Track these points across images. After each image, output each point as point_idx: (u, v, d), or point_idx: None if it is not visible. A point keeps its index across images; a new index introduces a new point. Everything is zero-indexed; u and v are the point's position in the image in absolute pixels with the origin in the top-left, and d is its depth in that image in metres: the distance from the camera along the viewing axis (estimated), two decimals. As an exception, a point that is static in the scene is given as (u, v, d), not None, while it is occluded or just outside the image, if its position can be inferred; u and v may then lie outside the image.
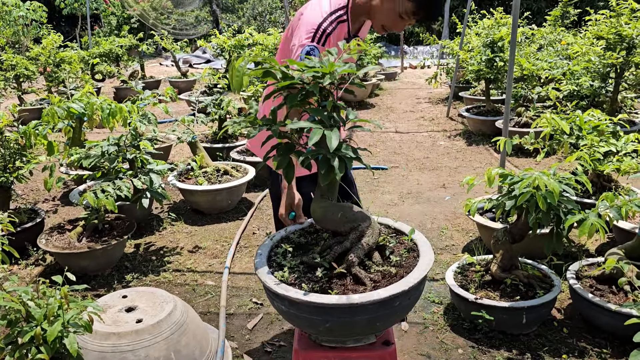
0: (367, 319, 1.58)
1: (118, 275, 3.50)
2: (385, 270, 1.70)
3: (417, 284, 1.60)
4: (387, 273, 1.69)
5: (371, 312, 1.57)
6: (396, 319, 1.74)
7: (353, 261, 1.68)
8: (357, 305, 1.53)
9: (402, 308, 1.65)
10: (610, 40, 5.64)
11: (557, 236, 2.62)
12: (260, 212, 4.51)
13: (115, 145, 3.55)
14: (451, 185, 5.09)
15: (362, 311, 1.56)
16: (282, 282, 1.67)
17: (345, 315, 1.57)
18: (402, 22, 2.22)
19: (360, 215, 1.78)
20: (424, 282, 1.70)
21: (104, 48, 9.77)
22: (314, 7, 2.22)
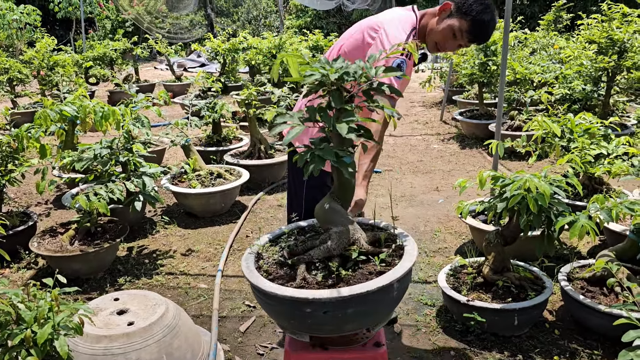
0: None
1: (110, 278, 3.49)
2: (323, 279, 1.70)
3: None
4: (322, 282, 1.68)
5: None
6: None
7: (300, 259, 1.72)
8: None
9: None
10: (602, 44, 5.69)
11: (548, 238, 2.63)
12: (253, 215, 4.51)
13: (108, 148, 3.55)
14: (444, 188, 5.11)
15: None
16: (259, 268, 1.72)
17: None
18: (454, 41, 2.38)
19: (338, 220, 1.78)
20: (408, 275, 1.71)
21: (98, 52, 9.76)
22: (394, 25, 2.33)
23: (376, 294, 1.58)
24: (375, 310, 1.68)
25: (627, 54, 5.58)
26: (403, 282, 1.72)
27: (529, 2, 17.23)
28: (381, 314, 1.74)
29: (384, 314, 1.78)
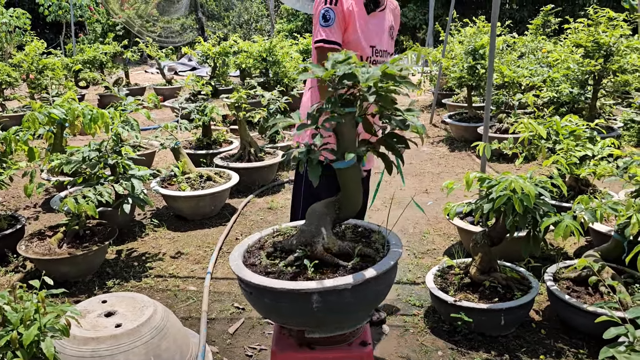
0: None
1: (99, 281, 3.47)
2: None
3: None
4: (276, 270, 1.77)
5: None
6: None
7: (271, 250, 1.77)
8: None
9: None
10: (589, 48, 5.75)
11: (534, 239, 2.66)
12: (243, 218, 4.51)
13: (97, 150, 3.54)
14: (434, 190, 5.14)
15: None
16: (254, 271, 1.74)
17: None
18: None
19: (309, 220, 1.83)
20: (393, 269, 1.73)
21: (88, 55, 9.73)
22: None
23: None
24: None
25: (613, 57, 5.66)
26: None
27: (518, 7, 17.40)
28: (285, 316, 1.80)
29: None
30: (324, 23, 2.34)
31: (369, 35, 2.44)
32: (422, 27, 17.98)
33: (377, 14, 2.48)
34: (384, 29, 2.53)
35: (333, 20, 2.32)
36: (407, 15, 18.20)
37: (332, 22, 2.32)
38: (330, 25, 2.33)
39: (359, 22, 2.40)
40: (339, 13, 2.34)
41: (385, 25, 2.53)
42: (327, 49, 2.32)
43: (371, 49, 2.46)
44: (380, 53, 2.52)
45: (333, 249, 1.80)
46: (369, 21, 2.44)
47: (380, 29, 2.49)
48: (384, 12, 2.53)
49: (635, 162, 3.00)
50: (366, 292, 1.65)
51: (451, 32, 8.12)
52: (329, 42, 2.33)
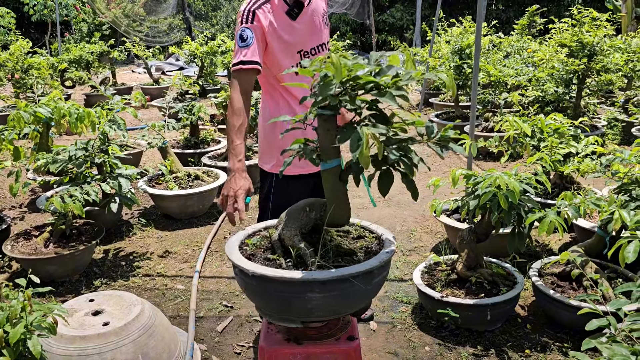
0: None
1: (86, 280, 3.46)
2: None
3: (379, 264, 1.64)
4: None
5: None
6: None
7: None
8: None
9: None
10: (573, 47, 5.83)
11: (519, 235, 2.70)
12: (231, 217, 4.51)
13: (83, 149, 3.53)
14: (421, 188, 5.15)
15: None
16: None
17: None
18: None
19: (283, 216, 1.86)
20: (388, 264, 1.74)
21: (74, 54, 9.65)
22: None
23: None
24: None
25: (596, 57, 5.74)
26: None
27: (504, 8, 17.56)
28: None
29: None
30: (241, 44, 2.17)
31: (296, 42, 2.31)
32: (409, 27, 18.07)
33: (306, 12, 2.33)
34: (315, 24, 2.37)
35: (251, 39, 2.18)
36: (395, 15, 18.29)
37: (250, 42, 2.18)
38: (249, 45, 2.17)
39: (284, 33, 2.27)
40: (257, 29, 2.20)
41: (315, 20, 2.38)
42: (246, 70, 2.18)
43: (299, 54, 2.34)
44: (313, 51, 2.38)
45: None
46: (296, 26, 2.31)
47: (310, 27, 2.35)
48: (310, 5, 2.37)
49: (618, 159, 3.05)
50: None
51: (438, 32, 8.18)
52: (247, 63, 2.17)
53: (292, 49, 2.32)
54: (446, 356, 2.62)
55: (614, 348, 1.50)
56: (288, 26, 2.29)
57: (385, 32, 18.17)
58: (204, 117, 5.79)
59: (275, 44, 2.27)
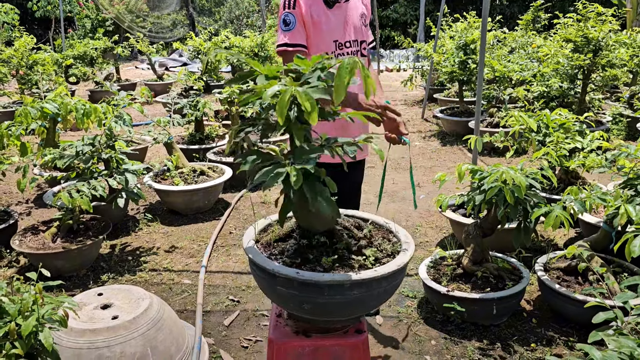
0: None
1: (94, 275, 3.48)
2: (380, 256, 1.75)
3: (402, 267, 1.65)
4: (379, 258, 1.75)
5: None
6: None
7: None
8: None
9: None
10: (578, 42, 5.81)
11: (525, 229, 2.70)
12: (237, 212, 4.53)
13: (90, 145, 3.54)
14: (426, 184, 5.18)
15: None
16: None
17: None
18: None
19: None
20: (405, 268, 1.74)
21: (78, 50, 9.67)
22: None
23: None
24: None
25: (601, 52, 5.72)
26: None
27: (509, 3, 17.49)
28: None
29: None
30: (285, 28, 2.38)
31: (331, 31, 2.45)
32: (412, 22, 18.03)
33: (341, 5, 2.47)
34: (350, 19, 2.50)
35: (294, 24, 2.36)
36: (398, 11, 18.24)
37: (293, 26, 2.37)
38: (292, 29, 2.37)
39: (321, 20, 2.41)
40: (299, 16, 2.38)
41: (351, 15, 2.51)
42: (291, 52, 2.36)
43: (334, 44, 2.47)
44: (347, 44, 2.51)
45: None
46: (331, 16, 2.44)
47: (344, 20, 2.48)
48: (349, 2, 2.51)
49: (624, 154, 3.06)
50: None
51: (442, 28, 8.16)
52: (292, 45, 2.37)
53: (327, 37, 2.44)
54: (452, 350, 2.63)
55: (621, 340, 1.52)
56: (324, 14, 2.42)
57: (389, 28, 18.12)
58: (209, 113, 5.81)
59: (313, 29, 2.41)
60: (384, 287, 1.67)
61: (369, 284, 1.61)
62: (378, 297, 1.70)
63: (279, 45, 2.40)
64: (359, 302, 1.64)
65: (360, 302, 1.64)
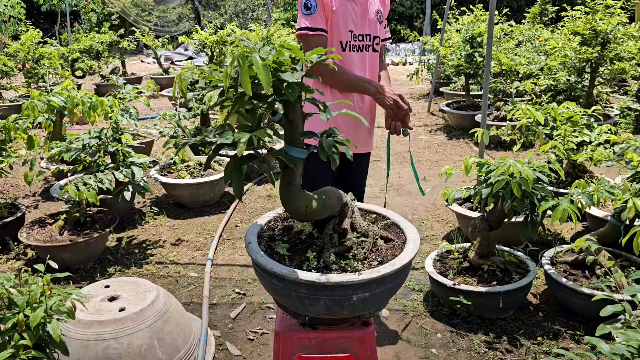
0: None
1: (100, 268, 3.50)
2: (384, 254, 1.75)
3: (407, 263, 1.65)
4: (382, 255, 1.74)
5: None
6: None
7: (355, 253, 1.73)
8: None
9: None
10: (586, 35, 5.77)
11: (532, 223, 2.69)
12: (243, 206, 4.54)
13: (97, 138, 3.55)
14: (432, 178, 5.17)
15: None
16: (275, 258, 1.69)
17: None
18: None
19: (335, 191, 1.82)
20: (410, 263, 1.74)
21: (84, 44, 9.69)
22: None
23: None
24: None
25: (610, 45, 5.67)
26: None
27: (516, -5, 17.36)
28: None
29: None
30: (306, 12, 2.36)
31: (346, 19, 2.45)
32: (419, 16, 17.93)
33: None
34: (367, 13, 2.51)
35: (315, 8, 2.35)
36: (404, 4, 18.14)
37: (314, 10, 2.35)
38: (313, 13, 2.36)
39: (339, 8, 2.42)
40: (320, 0, 2.37)
41: (368, 9, 2.51)
42: (312, 35, 2.35)
43: (349, 34, 2.47)
44: (361, 37, 2.52)
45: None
46: (349, 6, 2.45)
47: (362, 13, 2.49)
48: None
49: (632, 148, 3.03)
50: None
51: (449, 21, 8.12)
52: (313, 30, 2.35)
53: (344, 26, 2.44)
54: (458, 343, 2.63)
55: (629, 333, 1.51)
56: (342, 3, 2.41)
57: (395, 21, 18.04)
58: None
59: (331, 16, 2.40)
60: (388, 285, 1.66)
61: (374, 282, 1.60)
62: (383, 295, 1.69)
63: (300, 29, 2.38)
64: (362, 303, 1.63)
65: (363, 302, 1.63)
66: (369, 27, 2.56)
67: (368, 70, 2.55)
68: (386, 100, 2.35)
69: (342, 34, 2.46)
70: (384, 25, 2.71)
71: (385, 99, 2.35)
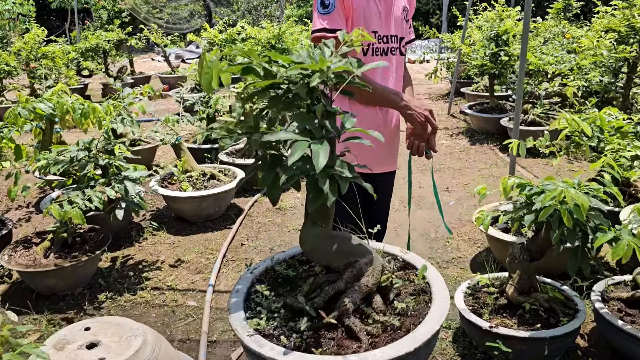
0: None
1: (90, 294, 3.16)
2: (388, 321, 1.37)
3: (426, 342, 1.27)
4: (389, 325, 1.36)
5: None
6: None
7: (347, 308, 1.35)
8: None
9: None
10: (622, 32, 5.32)
11: (583, 255, 2.29)
12: (249, 220, 4.17)
13: (86, 150, 3.21)
14: (455, 188, 4.76)
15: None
16: (258, 332, 1.33)
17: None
18: None
19: (359, 249, 1.45)
20: (436, 337, 1.36)
21: (90, 43, 9.38)
22: None
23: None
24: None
25: (650, 43, 5.21)
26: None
27: (537, -10, 16.79)
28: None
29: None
30: (322, 10, 2.01)
31: (370, 19, 2.10)
32: (435, 12, 17.44)
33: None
34: (391, 12, 2.18)
35: (333, 6, 2.01)
36: (420, 0, 17.67)
37: (332, 9, 2.01)
38: (331, 12, 2.01)
39: (361, 5, 2.07)
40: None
41: (393, 8, 2.19)
42: (330, 38, 2.00)
43: (373, 35, 2.12)
44: (386, 39, 2.17)
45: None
46: (372, 3, 2.11)
47: (387, 11, 2.15)
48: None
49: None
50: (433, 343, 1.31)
51: (470, 18, 7.68)
52: (332, 31, 2.00)
53: (368, 26, 2.10)
54: (496, 398, 2.24)
55: None
56: (365, 0, 2.09)
57: (411, 18, 17.61)
58: (222, 109, 5.45)
59: (353, 15, 2.07)
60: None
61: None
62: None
63: (316, 30, 2.03)
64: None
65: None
66: (395, 27, 2.19)
67: (394, 78, 2.18)
68: (417, 117, 1.97)
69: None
70: (409, 25, 2.34)
71: (416, 115, 1.98)
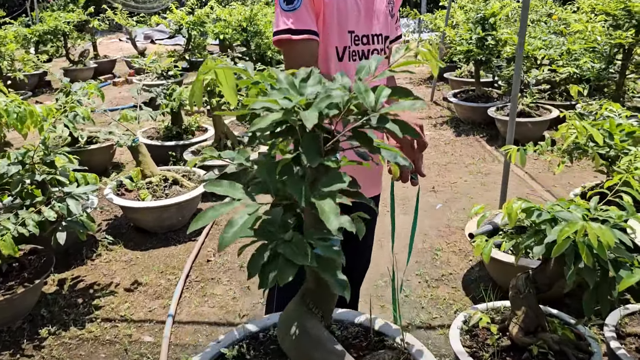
0: None
1: (30, 328, 2.73)
2: None
3: None
4: None
5: None
6: None
7: None
8: None
9: None
10: (618, 16, 4.98)
11: (601, 294, 1.96)
12: (217, 230, 3.76)
13: (20, 163, 2.75)
14: (442, 188, 4.41)
15: None
16: None
17: None
18: None
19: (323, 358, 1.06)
20: None
21: (48, 25, 8.70)
22: None
23: None
24: None
25: (647, 28, 4.89)
26: None
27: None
28: None
29: None
30: (287, 6, 1.60)
31: (345, 17, 1.70)
32: (414, -11, 16.94)
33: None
34: (373, 6, 1.77)
35: (300, 1, 1.62)
36: (400, -24, 17.15)
37: (298, 4, 1.62)
38: (297, 9, 1.60)
39: (333, 1, 1.66)
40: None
41: (373, 1, 1.78)
42: (297, 41, 1.60)
43: (349, 36, 1.72)
44: (366, 39, 1.76)
45: None
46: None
47: (363, 7, 1.73)
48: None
49: None
50: None
51: (453, -3, 7.28)
52: (299, 32, 1.59)
53: (343, 25, 1.70)
54: None
55: None
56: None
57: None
58: (186, 102, 4.98)
59: (324, 10, 1.65)
60: None
61: None
62: None
63: (280, 32, 1.62)
64: None
65: None
66: (379, 25, 1.77)
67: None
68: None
69: (339, 37, 1.68)
70: (395, 19, 1.93)
71: None
